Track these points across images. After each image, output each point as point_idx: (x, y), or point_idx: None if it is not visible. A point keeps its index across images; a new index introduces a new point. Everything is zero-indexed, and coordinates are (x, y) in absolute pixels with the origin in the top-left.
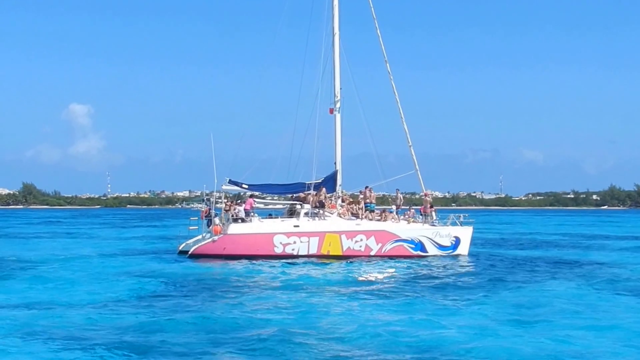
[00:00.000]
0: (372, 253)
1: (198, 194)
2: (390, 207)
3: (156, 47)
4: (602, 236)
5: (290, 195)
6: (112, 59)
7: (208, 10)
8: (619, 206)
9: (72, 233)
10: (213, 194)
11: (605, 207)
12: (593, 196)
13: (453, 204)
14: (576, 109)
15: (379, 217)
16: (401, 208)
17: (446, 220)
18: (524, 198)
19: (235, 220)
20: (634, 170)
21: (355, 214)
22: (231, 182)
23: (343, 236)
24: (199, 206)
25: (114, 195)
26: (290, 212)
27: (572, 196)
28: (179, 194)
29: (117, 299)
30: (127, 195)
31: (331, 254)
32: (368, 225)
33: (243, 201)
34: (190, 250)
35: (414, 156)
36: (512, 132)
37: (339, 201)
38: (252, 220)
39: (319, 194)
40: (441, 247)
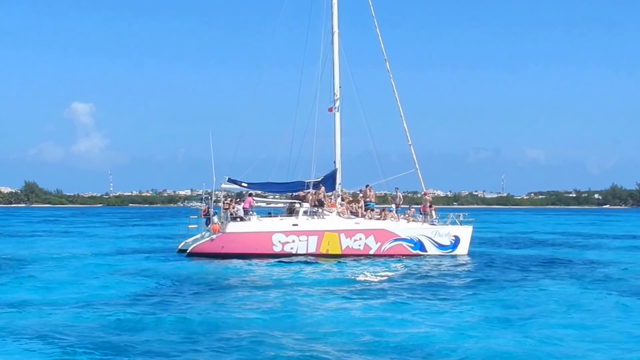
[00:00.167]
0: (371, 252)
1: (200, 193)
2: (390, 206)
3: (158, 46)
4: (600, 235)
5: (290, 194)
6: (115, 58)
7: (209, 10)
8: (620, 205)
9: (69, 232)
10: (216, 192)
11: (607, 206)
12: (595, 195)
13: (455, 203)
14: (578, 108)
15: (379, 216)
16: (401, 207)
17: (446, 220)
18: (526, 197)
19: (233, 219)
20: (636, 169)
21: (354, 212)
22: (230, 181)
23: (342, 235)
24: (198, 205)
25: (116, 194)
26: (290, 211)
27: (574, 195)
28: (181, 192)
29: (105, 298)
30: (130, 194)
31: (330, 252)
32: (367, 224)
33: (242, 200)
34: (189, 249)
35: (413, 155)
36: (514, 131)
37: (339, 200)
38: (250, 219)
39: (317, 193)
40: (440, 246)
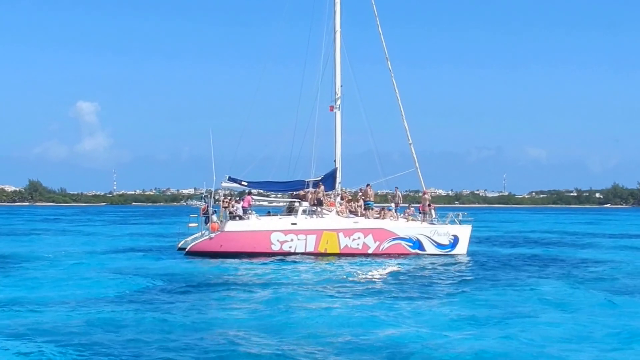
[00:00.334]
0: (369, 251)
1: (203, 191)
2: (390, 204)
3: (163, 45)
4: (598, 235)
5: (290, 192)
6: (119, 57)
7: (210, 8)
8: (621, 204)
9: (68, 230)
10: (219, 191)
11: (608, 205)
12: (596, 194)
13: (456, 202)
14: (580, 108)
15: (378, 215)
16: (400, 206)
17: (445, 219)
18: (528, 196)
19: (232, 218)
20: (637, 168)
21: (353, 211)
22: (230, 180)
23: (340, 234)
24: (198, 203)
25: (120, 192)
26: (290, 210)
27: (575, 194)
28: (184, 191)
29: (94, 297)
30: (133, 192)
31: (328, 252)
32: (366, 223)
33: (242, 198)
34: (187, 247)
35: (414, 154)
36: (516, 131)
37: (338, 199)
38: (249, 218)
39: (316, 192)
40: (439, 245)
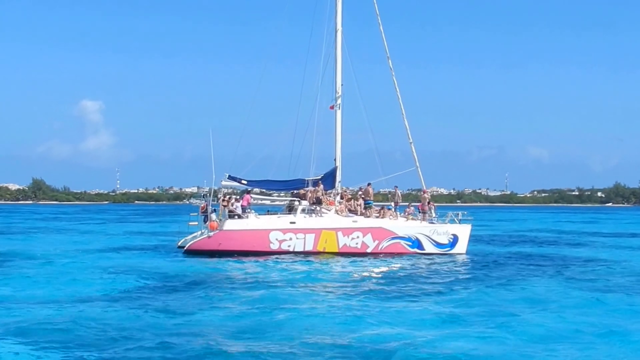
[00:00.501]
0: (368, 250)
1: (206, 190)
2: (389, 204)
3: (167, 45)
4: (597, 234)
5: (291, 191)
6: (124, 56)
7: (212, 6)
8: (623, 203)
9: (66, 229)
10: (222, 190)
11: (609, 204)
12: (598, 193)
13: (458, 201)
14: (582, 107)
15: (377, 214)
16: (399, 205)
17: (444, 218)
18: (529, 195)
19: (231, 217)
20: (639, 167)
21: (353, 210)
22: (230, 178)
23: (339, 233)
24: (198, 202)
25: (123, 191)
26: (289, 209)
27: (577, 193)
28: (187, 189)
29: (81, 295)
30: (136, 191)
31: (327, 250)
32: (365, 222)
33: (242, 197)
34: (186, 246)
35: (414, 153)
36: (518, 130)
37: (338, 198)
38: (248, 217)
39: (316, 191)
40: (439, 244)
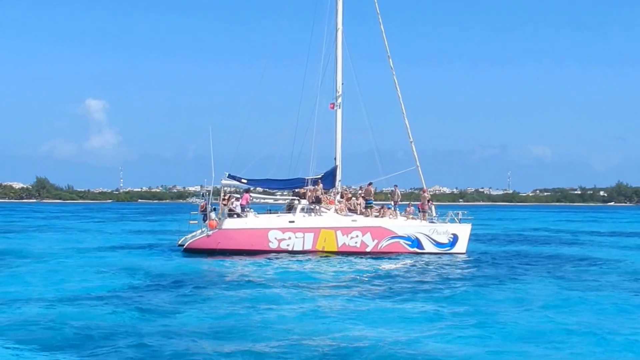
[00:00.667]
0: (367, 249)
1: (209, 189)
2: (389, 203)
3: (167, 43)
4: (597, 233)
5: (291, 190)
6: (124, 54)
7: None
8: (625, 203)
9: (66, 227)
10: (224, 189)
11: (612, 203)
12: (600, 192)
13: (460, 200)
14: (584, 106)
15: (377, 214)
16: (399, 204)
17: (444, 218)
18: (532, 194)
19: (230, 215)
20: None
21: (353, 209)
22: (230, 177)
23: (338, 232)
24: (198, 201)
25: (126, 189)
26: (289, 208)
27: (579, 192)
28: (190, 188)
29: (74, 294)
30: (139, 189)
31: (326, 250)
32: (364, 221)
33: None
34: (185, 245)
35: (414, 152)
36: (520, 129)
37: (337, 197)
38: (247, 216)
39: (315, 189)
40: (438, 244)
